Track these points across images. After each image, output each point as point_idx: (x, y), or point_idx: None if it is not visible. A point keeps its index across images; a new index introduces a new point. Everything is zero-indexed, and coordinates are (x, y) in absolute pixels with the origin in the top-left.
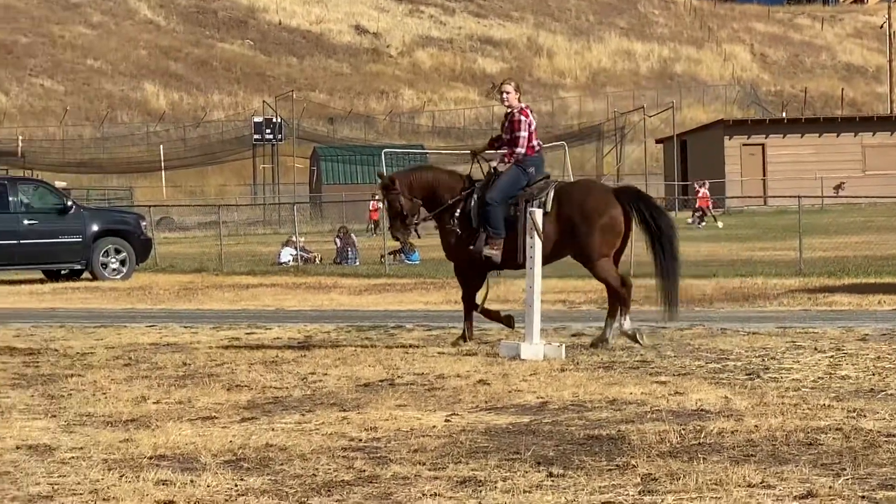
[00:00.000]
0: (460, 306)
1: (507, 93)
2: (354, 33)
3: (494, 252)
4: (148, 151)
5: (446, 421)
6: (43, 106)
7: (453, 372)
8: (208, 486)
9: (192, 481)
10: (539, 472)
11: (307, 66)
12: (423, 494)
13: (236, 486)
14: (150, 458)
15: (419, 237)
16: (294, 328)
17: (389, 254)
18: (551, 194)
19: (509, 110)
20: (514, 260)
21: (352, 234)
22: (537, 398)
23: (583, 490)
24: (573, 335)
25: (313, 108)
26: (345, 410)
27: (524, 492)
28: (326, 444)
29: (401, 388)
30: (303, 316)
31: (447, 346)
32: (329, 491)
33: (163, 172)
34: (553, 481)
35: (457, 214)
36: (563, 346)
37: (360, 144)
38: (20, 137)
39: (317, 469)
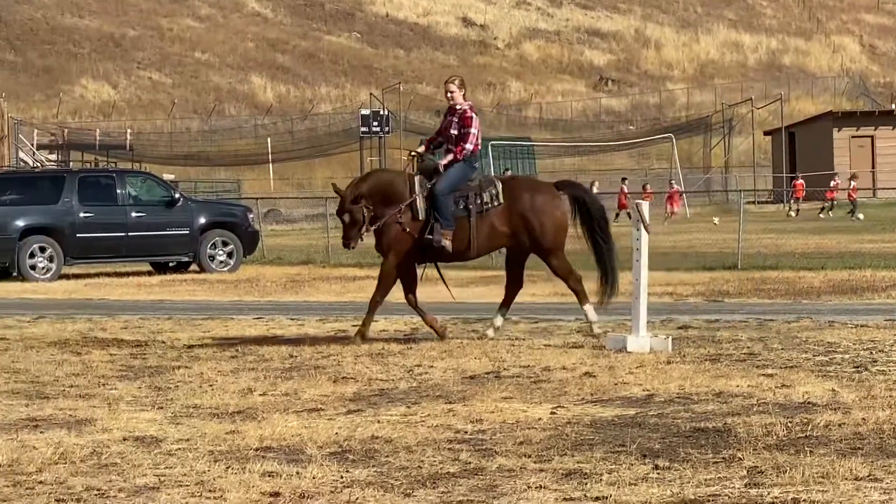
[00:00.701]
0: (568, 298)
1: (452, 91)
2: (461, 25)
3: (448, 242)
4: (255, 144)
5: (552, 413)
6: (151, 99)
7: (559, 364)
8: (314, 478)
9: (297, 473)
10: (645, 464)
11: (414, 59)
12: (529, 486)
13: (342, 477)
14: (257, 449)
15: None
16: (400, 320)
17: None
18: (500, 187)
19: (458, 107)
20: (465, 251)
21: None
22: (643, 391)
23: (689, 482)
24: (679, 328)
25: (420, 101)
26: (450, 402)
27: (630, 484)
28: (432, 436)
29: (507, 380)
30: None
31: (553, 338)
32: (434, 483)
33: (270, 165)
34: (659, 474)
35: (401, 209)
36: (670, 338)
37: None
38: (128, 130)
39: (422, 461)
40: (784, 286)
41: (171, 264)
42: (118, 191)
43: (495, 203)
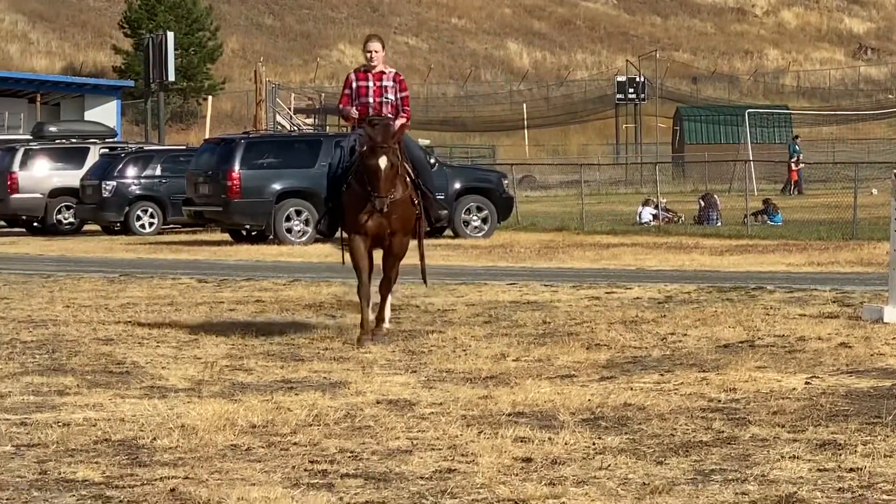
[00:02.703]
0: (824, 268)
1: (376, 51)
2: None
3: (445, 213)
4: (511, 110)
5: (806, 383)
6: (407, 64)
7: (814, 334)
8: (566, 444)
9: (549, 439)
10: None
11: (671, 26)
12: (782, 457)
13: (594, 444)
14: (509, 415)
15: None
16: (654, 288)
17: (752, 214)
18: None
19: (387, 70)
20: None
21: (715, 197)
22: None
23: None
24: None
25: (676, 68)
26: (704, 371)
27: (884, 456)
28: (685, 404)
29: (761, 349)
30: (663, 276)
31: (808, 307)
32: (687, 451)
33: (525, 131)
34: None
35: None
36: None
37: (723, 104)
38: None
39: (675, 429)
40: None
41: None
42: None
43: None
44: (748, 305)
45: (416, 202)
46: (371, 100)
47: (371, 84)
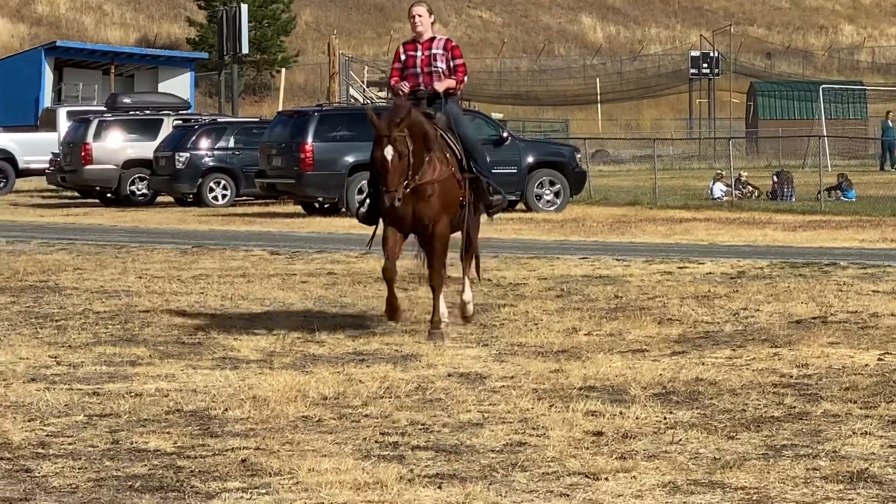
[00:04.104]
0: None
1: (419, 15)
2: None
3: (499, 198)
4: (584, 84)
5: (879, 360)
6: (481, 38)
7: (888, 311)
8: (637, 419)
9: (620, 413)
10: None
11: (745, 1)
12: (854, 433)
13: (665, 418)
14: (580, 388)
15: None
16: (727, 263)
17: (825, 190)
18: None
19: (437, 37)
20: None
21: (790, 175)
22: None
23: None
24: None
25: (750, 43)
26: (776, 346)
27: None
28: (757, 379)
29: (833, 325)
30: (736, 251)
31: (881, 284)
32: (758, 426)
33: (598, 105)
34: None
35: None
36: None
37: (797, 80)
38: None
39: (746, 404)
40: None
41: None
42: None
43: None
44: (821, 281)
45: (461, 184)
46: (419, 69)
47: (419, 54)
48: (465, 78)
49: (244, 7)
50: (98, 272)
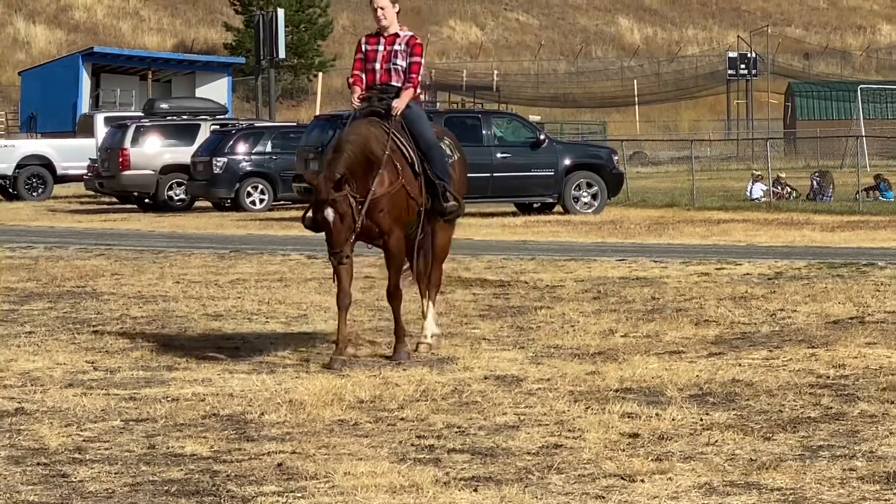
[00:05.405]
0: None
1: (382, 7)
2: None
3: (452, 205)
4: (621, 86)
5: None
6: (518, 40)
7: None
8: (673, 420)
9: (657, 414)
10: None
11: (783, 1)
12: (891, 433)
13: (701, 420)
14: (616, 390)
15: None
16: (764, 264)
17: (864, 190)
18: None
19: (401, 33)
20: None
21: (830, 174)
22: None
23: None
24: None
25: (788, 44)
26: (813, 347)
27: None
28: (793, 380)
29: (871, 325)
30: (773, 252)
31: None
32: (794, 427)
33: (636, 107)
34: None
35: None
36: None
37: (835, 80)
38: (495, 71)
39: (783, 405)
40: None
41: (535, 205)
42: (484, 131)
43: (455, 155)
44: (858, 282)
45: (412, 193)
46: (378, 65)
47: (381, 48)
48: (420, 77)
49: (281, 12)
50: (135, 277)
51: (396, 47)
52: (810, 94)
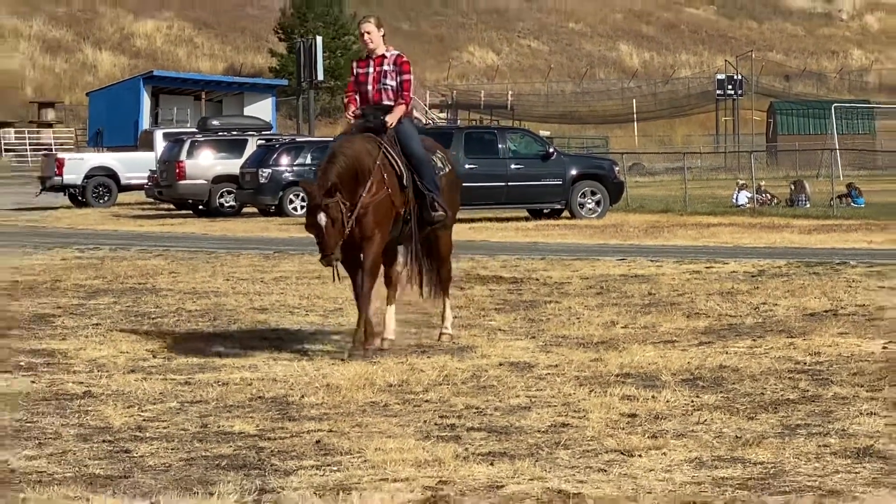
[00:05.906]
0: None
1: (368, 32)
2: (809, 0)
3: (439, 214)
4: (622, 105)
5: (884, 348)
6: (530, 64)
7: (892, 304)
8: (667, 402)
9: (653, 397)
10: None
11: (766, 29)
12: (861, 413)
13: (692, 401)
14: (617, 375)
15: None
16: (749, 263)
17: (837, 197)
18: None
19: (388, 53)
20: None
21: (805, 183)
22: None
23: None
24: None
25: (770, 67)
26: (792, 337)
27: None
28: (774, 366)
29: (843, 318)
30: (757, 252)
31: (887, 280)
32: (775, 408)
33: (635, 123)
34: None
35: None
36: None
37: (812, 99)
38: (510, 92)
39: (765, 388)
40: None
41: (545, 211)
42: (499, 145)
43: (446, 168)
44: (832, 279)
45: (396, 203)
46: (370, 87)
47: (371, 70)
48: (411, 94)
49: (319, 39)
50: (190, 275)
51: (385, 67)
52: (790, 111)
